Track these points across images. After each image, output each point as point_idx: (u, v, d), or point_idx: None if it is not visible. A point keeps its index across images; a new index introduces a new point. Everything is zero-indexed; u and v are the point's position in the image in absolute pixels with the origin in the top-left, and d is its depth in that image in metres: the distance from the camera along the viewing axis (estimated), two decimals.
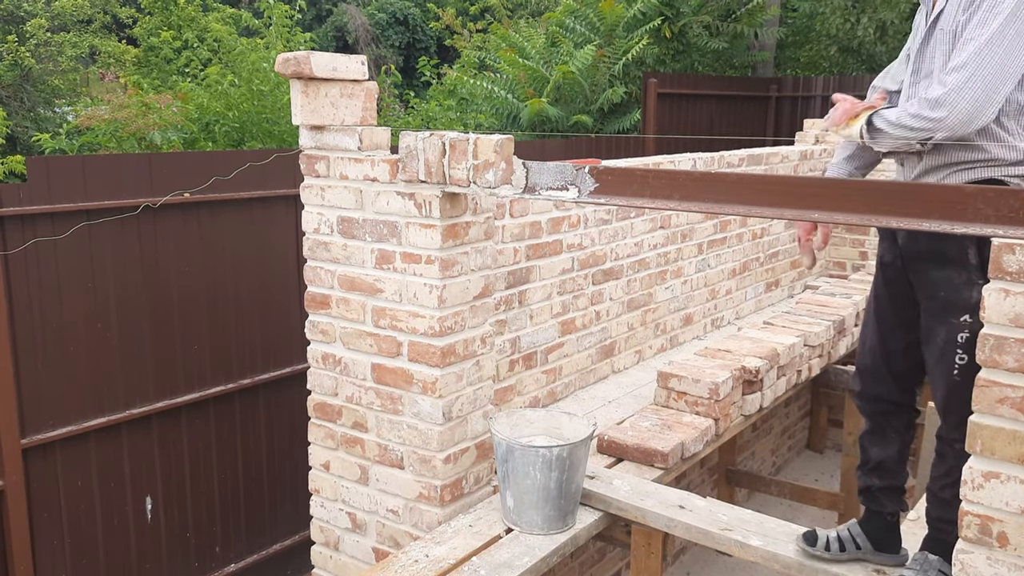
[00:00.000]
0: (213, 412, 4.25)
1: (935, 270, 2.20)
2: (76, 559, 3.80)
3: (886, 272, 2.41)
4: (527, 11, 15.52)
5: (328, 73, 2.92)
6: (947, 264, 2.17)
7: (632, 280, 4.34)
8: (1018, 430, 1.78)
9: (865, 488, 2.50)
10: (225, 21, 11.64)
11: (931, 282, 2.22)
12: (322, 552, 3.32)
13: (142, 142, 7.05)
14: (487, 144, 2.60)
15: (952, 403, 2.20)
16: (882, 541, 2.47)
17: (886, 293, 2.41)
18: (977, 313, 2.05)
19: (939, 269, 2.19)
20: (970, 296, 2.13)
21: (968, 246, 2.14)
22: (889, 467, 2.44)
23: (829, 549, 2.51)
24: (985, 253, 2.08)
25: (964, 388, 2.12)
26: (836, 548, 2.50)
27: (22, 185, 3.51)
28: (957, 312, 2.16)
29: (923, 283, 2.25)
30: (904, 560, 2.44)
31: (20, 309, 3.50)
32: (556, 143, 7.58)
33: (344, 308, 3.04)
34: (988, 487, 1.83)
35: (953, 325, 2.17)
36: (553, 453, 2.71)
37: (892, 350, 2.41)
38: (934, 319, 2.23)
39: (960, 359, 2.17)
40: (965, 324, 2.15)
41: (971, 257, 2.14)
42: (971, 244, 2.13)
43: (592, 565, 4.25)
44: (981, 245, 2.12)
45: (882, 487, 2.46)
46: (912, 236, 2.25)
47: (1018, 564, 1.82)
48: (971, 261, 2.14)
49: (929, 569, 2.29)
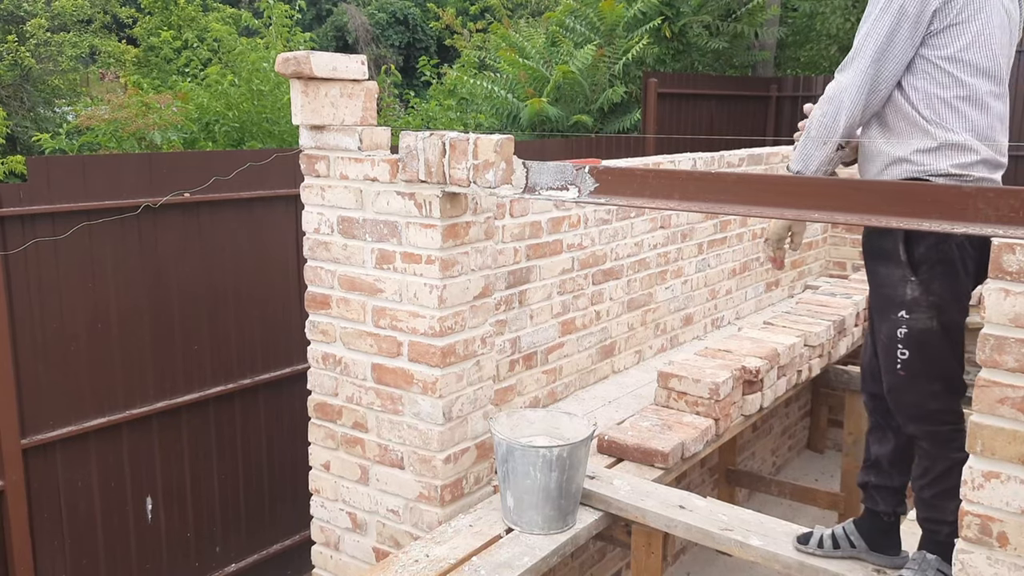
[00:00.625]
0: (213, 412, 4.25)
1: (879, 266, 2.24)
2: (76, 559, 3.80)
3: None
4: (527, 11, 15.52)
5: (328, 73, 2.92)
6: (888, 261, 2.20)
7: (632, 280, 4.34)
8: (1018, 430, 1.78)
9: (863, 484, 2.50)
10: (225, 21, 11.65)
11: (876, 279, 2.26)
12: (322, 552, 3.32)
13: (142, 142, 7.05)
14: (487, 144, 2.60)
15: (903, 399, 2.23)
16: (878, 541, 2.46)
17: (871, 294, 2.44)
18: (912, 309, 2.12)
19: (883, 266, 2.22)
20: (904, 293, 2.16)
21: (899, 242, 2.15)
22: (884, 465, 2.44)
23: (822, 546, 2.52)
24: (915, 250, 2.13)
25: (912, 383, 2.19)
26: (829, 545, 2.51)
27: (22, 185, 3.51)
28: (894, 308, 2.19)
29: (871, 279, 2.29)
30: (903, 562, 2.43)
31: (20, 309, 3.50)
32: (556, 143, 7.58)
33: (344, 308, 3.04)
34: (988, 487, 1.83)
35: (892, 321, 2.19)
36: (553, 453, 2.71)
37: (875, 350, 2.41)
38: (877, 315, 2.27)
39: (902, 354, 2.19)
40: (903, 320, 2.17)
41: (900, 254, 2.16)
42: (900, 240, 2.15)
43: (592, 565, 4.25)
44: (909, 241, 2.15)
45: (877, 485, 2.46)
46: (865, 233, 2.27)
47: (1018, 564, 1.82)
48: (901, 258, 2.16)
49: (927, 568, 2.28)
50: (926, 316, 2.15)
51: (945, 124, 2.16)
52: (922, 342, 2.16)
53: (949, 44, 2.15)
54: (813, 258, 6.25)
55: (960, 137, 2.15)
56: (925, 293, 2.15)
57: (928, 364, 2.17)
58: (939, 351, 2.17)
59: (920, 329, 2.15)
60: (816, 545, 2.53)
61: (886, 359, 2.24)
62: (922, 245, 2.14)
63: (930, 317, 2.15)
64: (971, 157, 2.16)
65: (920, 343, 2.16)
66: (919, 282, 2.15)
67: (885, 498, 2.45)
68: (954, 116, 2.16)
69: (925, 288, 2.15)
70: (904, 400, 2.23)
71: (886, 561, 2.45)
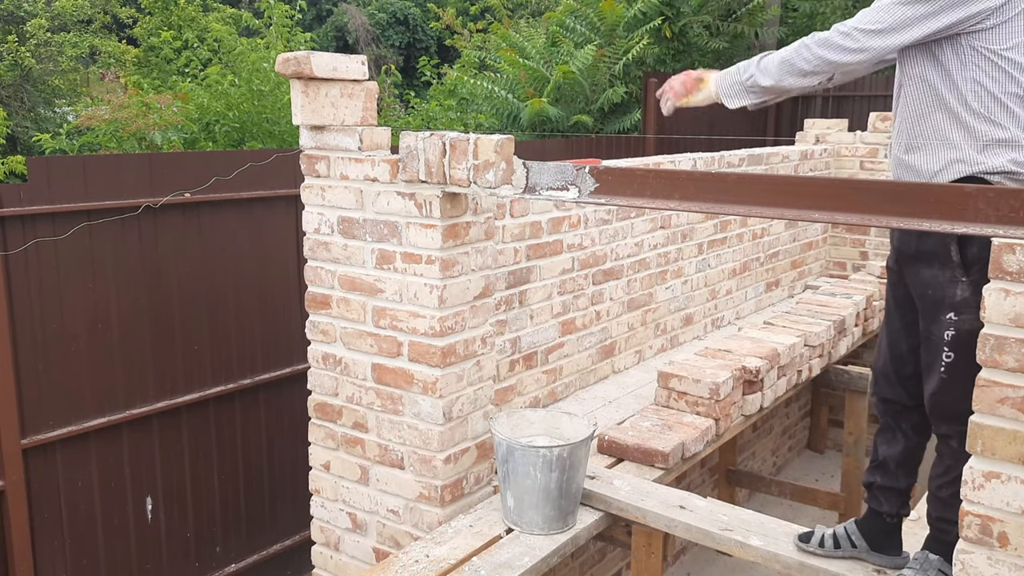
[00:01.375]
0: (213, 412, 4.25)
1: (924, 269, 2.23)
2: (76, 559, 3.80)
3: (890, 276, 2.44)
4: (527, 11, 15.51)
5: (328, 73, 2.92)
6: (933, 263, 2.20)
7: (632, 280, 4.34)
8: (1018, 430, 1.78)
9: (867, 484, 2.50)
10: (225, 21, 11.65)
11: (921, 281, 2.25)
12: (322, 552, 3.32)
13: (142, 142, 7.05)
14: (487, 144, 2.60)
15: (941, 400, 2.23)
16: (879, 542, 2.47)
17: (891, 297, 2.44)
18: (961, 311, 2.16)
19: (927, 268, 2.22)
20: (954, 294, 2.17)
21: (950, 244, 2.16)
22: (891, 467, 2.45)
23: (823, 545, 2.52)
24: (967, 251, 2.13)
25: (952, 385, 2.19)
26: (830, 545, 2.52)
27: (22, 185, 3.51)
28: (944, 310, 2.19)
29: (915, 283, 2.28)
30: (904, 562, 2.44)
31: (20, 309, 3.50)
32: (556, 143, 7.58)
33: (344, 308, 3.04)
34: (989, 487, 1.83)
35: (941, 323, 2.20)
36: (553, 453, 2.71)
37: (899, 354, 2.42)
38: (925, 318, 2.26)
39: (947, 356, 2.20)
40: (951, 322, 2.18)
41: (953, 255, 2.17)
42: (953, 242, 2.15)
43: (592, 565, 4.25)
44: (963, 243, 2.15)
45: (882, 486, 2.47)
46: (904, 237, 2.27)
47: (1018, 564, 1.82)
48: (953, 259, 2.17)
49: (929, 568, 2.29)
50: (974, 317, 2.12)
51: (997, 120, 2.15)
52: (968, 344, 2.11)
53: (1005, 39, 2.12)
54: (813, 258, 6.25)
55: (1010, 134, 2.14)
56: (975, 294, 2.13)
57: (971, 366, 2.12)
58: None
59: (967, 331, 2.14)
60: (817, 544, 2.53)
61: (931, 361, 2.23)
62: (975, 245, 2.13)
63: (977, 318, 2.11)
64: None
65: (967, 345, 2.13)
66: (970, 282, 2.15)
67: (890, 499, 2.45)
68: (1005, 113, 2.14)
69: (975, 289, 2.13)
70: (943, 401, 2.22)
71: (887, 561, 2.46)
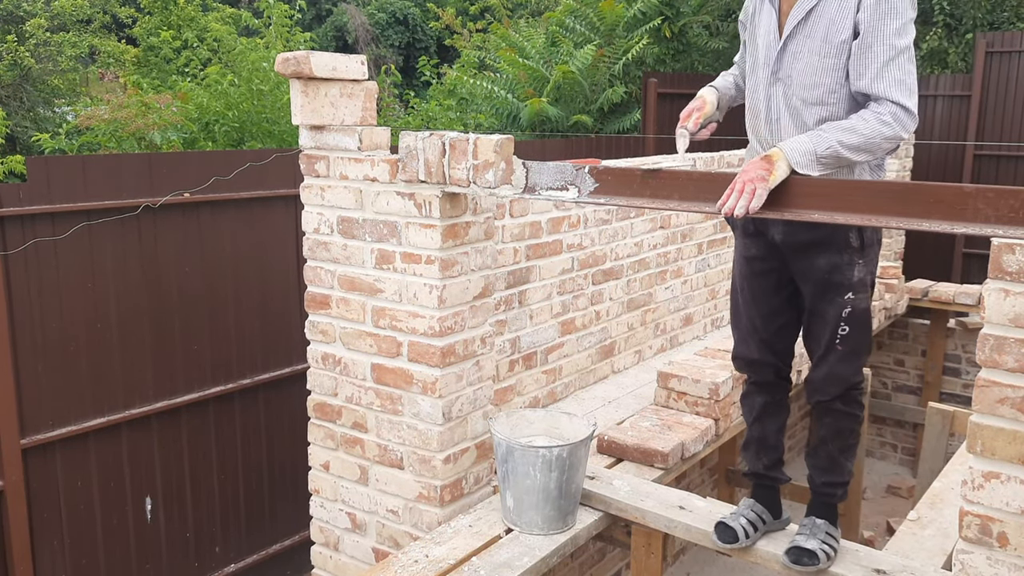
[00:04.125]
0: (213, 412, 4.25)
1: (821, 256, 2.37)
2: (76, 559, 3.80)
3: (753, 265, 2.57)
4: (527, 11, 15.49)
5: (328, 73, 2.92)
6: (830, 249, 2.36)
7: (632, 280, 4.34)
8: (1018, 430, 1.78)
9: (764, 469, 2.69)
10: (225, 21, 11.63)
11: (817, 267, 2.39)
12: (322, 552, 3.31)
13: (142, 142, 7.04)
14: (487, 144, 2.59)
15: (836, 370, 2.45)
16: (775, 509, 2.70)
17: (757, 285, 2.58)
18: (857, 290, 2.39)
19: (824, 255, 2.37)
20: (852, 275, 2.37)
21: (850, 231, 2.35)
22: (771, 440, 2.67)
23: (749, 537, 2.64)
24: (865, 234, 2.36)
25: (848, 356, 2.44)
26: (753, 532, 2.65)
27: (22, 185, 3.51)
28: (843, 291, 2.39)
29: (809, 269, 2.42)
30: (787, 522, 2.71)
31: (20, 309, 3.50)
32: (556, 143, 7.57)
33: (344, 308, 3.04)
34: (988, 487, 1.83)
35: (837, 303, 2.40)
36: (553, 453, 2.71)
37: (765, 338, 2.59)
38: (822, 300, 2.43)
39: (842, 330, 2.42)
40: (848, 301, 2.39)
41: (853, 240, 2.35)
42: (854, 229, 2.35)
43: (592, 565, 4.25)
44: (861, 228, 2.33)
45: (772, 463, 2.68)
46: (792, 230, 2.39)
47: (1018, 564, 1.82)
48: (853, 244, 2.36)
49: (817, 532, 2.52)
50: (867, 295, 2.41)
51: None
52: (861, 320, 2.42)
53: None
54: None
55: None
56: (869, 274, 2.41)
57: (861, 337, 2.44)
58: (868, 325, 2.45)
59: (863, 308, 2.41)
60: (744, 537, 2.64)
61: (825, 337, 2.44)
62: (868, 229, 2.35)
63: (868, 296, 2.43)
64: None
65: (859, 321, 2.41)
66: (865, 263, 2.38)
67: (779, 469, 2.71)
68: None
69: (869, 269, 2.40)
70: (837, 370, 2.45)
71: (780, 524, 2.71)
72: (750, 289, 2.58)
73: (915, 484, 4.35)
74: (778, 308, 2.56)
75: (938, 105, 8.23)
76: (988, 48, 7.89)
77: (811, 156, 2.14)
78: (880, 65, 2.15)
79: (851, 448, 2.55)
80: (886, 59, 2.15)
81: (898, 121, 2.15)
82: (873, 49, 2.15)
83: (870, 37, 2.16)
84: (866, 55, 2.17)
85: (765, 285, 2.55)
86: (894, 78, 2.15)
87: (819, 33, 2.23)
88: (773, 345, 2.60)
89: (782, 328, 2.58)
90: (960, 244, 8.04)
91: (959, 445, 3.90)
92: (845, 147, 2.15)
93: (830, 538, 2.52)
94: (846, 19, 2.18)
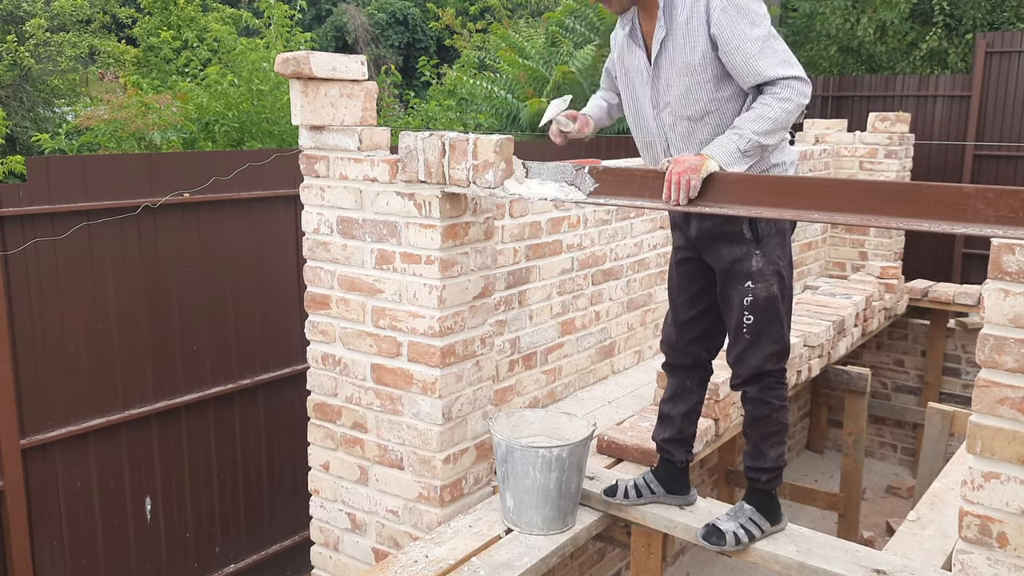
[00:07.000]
0: (213, 412, 4.25)
1: (724, 247, 2.54)
2: (76, 559, 3.80)
3: (676, 255, 2.77)
4: (527, 11, 15.50)
5: (328, 73, 2.92)
6: (732, 241, 2.52)
7: (632, 280, 4.34)
8: (1018, 430, 1.78)
9: (661, 441, 2.85)
10: (225, 21, 11.62)
11: (721, 257, 2.56)
12: (322, 552, 3.31)
13: (142, 142, 7.04)
14: (487, 144, 2.59)
15: (745, 358, 2.58)
16: (673, 486, 2.85)
17: (676, 273, 2.76)
18: (756, 280, 2.51)
19: (727, 246, 2.53)
20: (750, 265, 2.51)
21: (743, 224, 2.49)
22: (677, 421, 2.81)
23: (628, 496, 2.84)
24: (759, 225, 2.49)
25: (754, 344, 2.56)
26: (634, 495, 2.84)
27: (22, 185, 3.51)
28: (743, 279, 2.52)
29: (718, 259, 2.58)
30: (692, 500, 2.86)
31: (20, 309, 3.50)
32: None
33: (344, 308, 3.04)
34: (988, 488, 1.83)
35: (741, 291, 2.53)
36: (553, 454, 2.71)
37: (685, 321, 2.75)
38: (728, 287, 2.58)
39: (747, 319, 2.54)
40: (748, 289, 2.52)
41: (745, 232, 2.50)
42: (745, 222, 2.48)
43: (592, 565, 4.25)
44: (752, 221, 2.48)
45: (671, 439, 2.82)
46: (702, 221, 2.55)
47: (1018, 564, 1.82)
48: (746, 236, 2.50)
49: (741, 516, 2.65)
50: (767, 285, 2.52)
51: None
52: (764, 308, 2.53)
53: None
54: (812, 258, 6.24)
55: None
56: (767, 264, 2.51)
57: (765, 327, 2.54)
58: (776, 314, 2.54)
59: (765, 297, 2.52)
60: (623, 496, 2.84)
61: (735, 324, 2.58)
62: (762, 222, 2.49)
63: (771, 284, 2.52)
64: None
65: (762, 310, 2.53)
66: (762, 255, 2.50)
67: (679, 449, 2.83)
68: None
69: (767, 260, 2.51)
70: (746, 358, 2.57)
71: (680, 500, 2.85)
72: (676, 277, 2.77)
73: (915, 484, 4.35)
74: (696, 295, 2.72)
75: (938, 105, 8.23)
76: (988, 48, 7.90)
77: (736, 155, 2.32)
78: (754, 58, 2.34)
79: (773, 435, 2.65)
80: (756, 51, 2.34)
81: (794, 91, 2.34)
82: (741, 49, 2.34)
83: (734, 41, 2.34)
84: (738, 57, 2.35)
85: (684, 273, 2.73)
86: (771, 60, 2.34)
87: (678, 58, 2.43)
88: (692, 330, 2.75)
89: (700, 315, 2.73)
90: (960, 244, 8.05)
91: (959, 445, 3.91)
92: (760, 134, 2.33)
93: (752, 524, 2.63)
94: (697, 38, 2.38)
